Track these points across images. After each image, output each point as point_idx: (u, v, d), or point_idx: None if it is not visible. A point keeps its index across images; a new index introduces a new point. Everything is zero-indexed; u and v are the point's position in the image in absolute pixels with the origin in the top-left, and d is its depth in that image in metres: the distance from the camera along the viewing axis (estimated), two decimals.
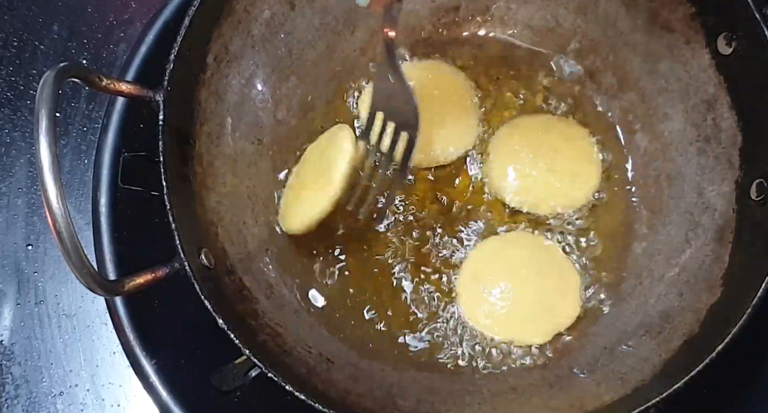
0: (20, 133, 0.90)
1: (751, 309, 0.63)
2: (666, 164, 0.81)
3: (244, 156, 0.80)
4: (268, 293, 0.76)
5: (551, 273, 0.79)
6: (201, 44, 0.72)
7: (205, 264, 0.68)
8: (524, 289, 0.79)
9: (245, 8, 0.76)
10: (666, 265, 0.77)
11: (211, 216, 0.73)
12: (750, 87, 0.71)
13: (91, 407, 0.82)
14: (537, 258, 0.80)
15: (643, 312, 0.76)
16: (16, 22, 0.93)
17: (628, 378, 0.70)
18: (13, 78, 0.92)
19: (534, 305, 0.78)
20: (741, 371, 0.78)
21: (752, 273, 0.65)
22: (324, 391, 0.68)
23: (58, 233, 0.54)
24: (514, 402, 0.74)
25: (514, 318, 0.78)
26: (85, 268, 0.56)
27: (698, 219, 0.76)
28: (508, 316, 0.78)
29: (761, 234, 0.68)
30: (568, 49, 0.87)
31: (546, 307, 0.78)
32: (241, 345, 0.62)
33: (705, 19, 0.74)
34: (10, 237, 0.87)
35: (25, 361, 0.83)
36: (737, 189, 0.73)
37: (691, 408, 0.71)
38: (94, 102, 0.91)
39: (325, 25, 0.84)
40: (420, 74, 0.86)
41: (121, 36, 0.93)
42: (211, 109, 0.75)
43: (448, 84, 0.86)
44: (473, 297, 0.79)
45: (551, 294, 0.79)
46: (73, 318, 0.85)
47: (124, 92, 0.65)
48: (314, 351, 0.73)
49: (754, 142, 0.71)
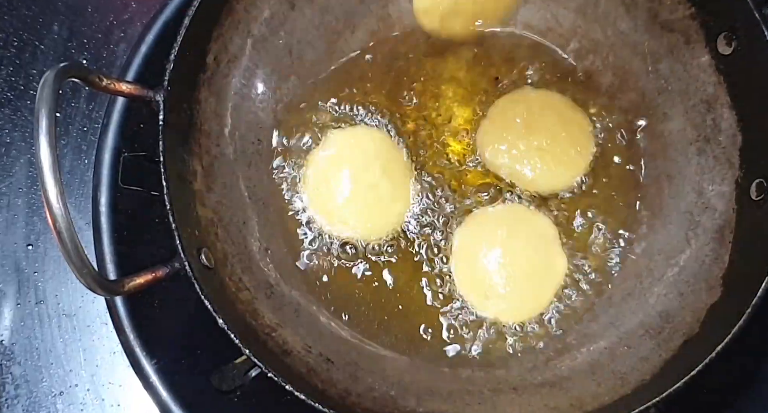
0: (20, 133, 0.90)
1: (751, 309, 0.63)
2: (666, 164, 0.81)
3: (244, 156, 0.80)
4: (268, 293, 0.76)
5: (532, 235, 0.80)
6: (201, 44, 0.72)
7: (205, 264, 0.68)
8: (515, 263, 0.79)
9: (245, 8, 0.76)
10: (666, 265, 0.77)
11: (211, 216, 0.73)
12: (750, 87, 0.71)
13: (91, 407, 0.82)
14: (520, 227, 0.81)
15: (643, 312, 0.76)
16: (16, 22, 0.93)
17: (628, 378, 0.71)
18: (13, 78, 0.92)
19: (527, 278, 0.79)
20: (741, 371, 0.78)
21: (752, 273, 0.65)
22: (324, 391, 0.68)
23: (58, 233, 0.54)
24: (514, 402, 0.74)
25: (511, 295, 0.79)
26: (85, 268, 0.56)
27: (698, 219, 0.76)
28: (506, 294, 0.78)
29: (761, 234, 0.68)
30: (568, 49, 0.87)
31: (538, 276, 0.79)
32: (241, 345, 0.62)
33: (705, 19, 0.74)
34: (10, 237, 0.87)
35: (25, 361, 0.84)
36: (737, 189, 0.73)
37: (691, 408, 0.71)
38: (94, 102, 0.91)
39: (325, 24, 0.84)
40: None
41: (121, 36, 0.93)
42: (211, 109, 0.75)
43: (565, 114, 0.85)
44: (468, 278, 0.80)
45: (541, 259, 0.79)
46: (73, 318, 0.85)
47: (124, 92, 0.65)
48: (314, 351, 0.73)
49: (754, 142, 0.71)
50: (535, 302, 0.79)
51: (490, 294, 0.79)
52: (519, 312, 0.79)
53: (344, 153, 0.82)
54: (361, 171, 0.81)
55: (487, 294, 0.79)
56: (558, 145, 0.82)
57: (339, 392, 0.69)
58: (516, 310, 0.79)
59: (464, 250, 0.80)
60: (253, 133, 0.81)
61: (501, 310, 0.78)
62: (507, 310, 0.79)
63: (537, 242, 0.80)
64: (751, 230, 0.70)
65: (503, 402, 0.74)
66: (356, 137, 0.83)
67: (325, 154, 0.82)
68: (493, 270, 0.79)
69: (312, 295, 0.79)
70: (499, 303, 0.78)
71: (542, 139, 0.82)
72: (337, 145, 0.83)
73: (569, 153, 0.82)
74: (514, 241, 0.80)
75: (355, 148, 0.82)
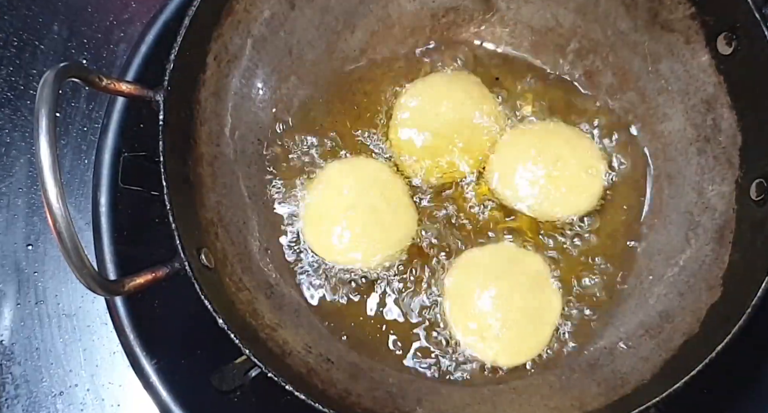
0: (20, 133, 0.90)
1: (751, 309, 0.63)
2: (666, 164, 0.81)
3: (244, 156, 0.80)
4: (268, 293, 0.76)
5: (531, 290, 0.78)
6: (201, 44, 0.72)
7: (205, 264, 0.68)
8: (509, 304, 0.77)
9: (245, 8, 0.76)
10: (666, 265, 0.77)
11: (211, 216, 0.73)
12: (750, 87, 0.71)
13: (91, 407, 0.82)
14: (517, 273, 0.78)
15: (643, 312, 0.76)
16: (16, 22, 0.93)
17: (628, 377, 0.71)
18: (13, 78, 0.92)
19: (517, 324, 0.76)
20: (741, 371, 0.78)
21: (752, 273, 0.65)
22: (324, 391, 0.68)
23: (58, 233, 0.54)
24: (514, 402, 0.74)
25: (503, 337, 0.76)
26: (85, 268, 0.56)
27: (698, 219, 0.76)
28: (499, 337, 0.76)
29: (761, 234, 0.68)
30: (567, 49, 0.87)
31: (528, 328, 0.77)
32: (241, 345, 0.62)
33: (705, 18, 0.74)
34: (10, 237, 0.87)
35: (25, 361, 0.83)
36: (737, 189, 0.73)
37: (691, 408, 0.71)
38: (94, 102, 0.91)
39: (325, 24, 0.84)
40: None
41: (121, 36, 0.93)
42: (211, 108, 0.75)
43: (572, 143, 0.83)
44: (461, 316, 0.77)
45: (532, 313, 0.77)
46: (73, 318, 0.85)
47: (124, 92, 0.65)
48: (314, 351, 0.73)
49: (754, 142, 0.71)
50: (534, 343, 0.77)
51: (486, 336, 0.76)
52: (517, 355, 0.76)
53: (340, 187, 0.80)
54: (359, 204, 0.79)
55: (484, 336, 0.76)
56: (569, 170, 0.81)
57: (339, 392, 0.69)
58: (515, 353, 0.76)
59: (456, 293, 0.78)
60: (253, 133, 0.81)
61: (497, 353, 0.76)
62: (504, 352, 0.76)
63: (530, 282, 0.78)
64: (751, 230, 0.70)
65: (503, 402, 0.74)
66: (354, 169, 0.82)
67: (320, 189, 0.81)
68: (487, 312, 0.76)
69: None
70: (495, 346, 0.76)
71: (552, 166, 0.81)
72: (331, 179, 0.81)
73: (581, 177, 0.81)
74: (505, 282, 0.78)
75: (351, 179, 0.80)
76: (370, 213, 0.79)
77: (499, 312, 0.77)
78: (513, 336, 0.76)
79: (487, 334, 0.76)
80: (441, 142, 0.82)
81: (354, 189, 0.80)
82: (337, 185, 0.80)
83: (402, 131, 0.83)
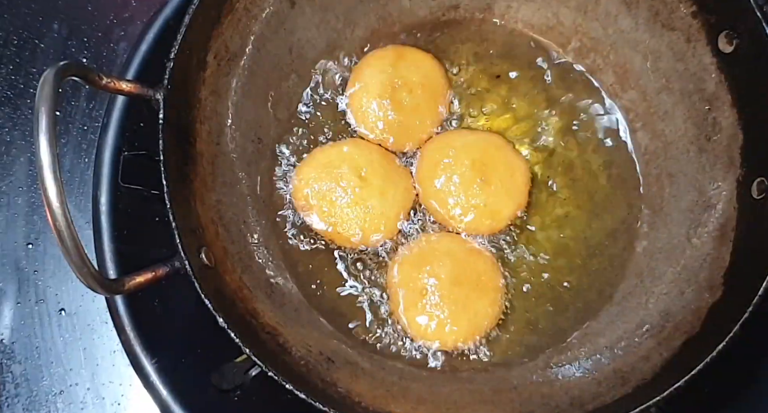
0: (20, 132, 0.90)
1: (752, 308, 0.63)
2: (667, 162, 0.81)
3: (244, 154, 0.80)
4: (268, 292, 0.76)
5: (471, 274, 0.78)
6: (201, 43, 0.72)
7: (205, 263, 0.68)
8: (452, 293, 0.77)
9: (245, 6, 0.76)
10: (667, 264, 0.77)
11: (211, 215, 0.73)
12: (751, 85, 0.71)
13: (91, 405, 0.82)
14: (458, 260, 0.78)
15: (643, 311, 0.76)
16: (16, 21, 0.93)
17: (628, 377, 0.70)
18: (13, 76, 0.92)
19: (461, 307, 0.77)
20: (741, 371, 0.78)
21: (753, 272, 0.65)
22: (324, 390, 0.68)
23: (58, 232, 0.54)
24: (515, 401, 0.74)
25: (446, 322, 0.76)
26: (86, 267, 0.56)
27: (699, 217, 0.76)
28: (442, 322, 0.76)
29: (762, 232, 0.68)
30: (568, 48, 0.86)
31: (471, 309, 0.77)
32: (241, 344, 0.62)
33: (706, 17, 0.74)
34: (10, 235, 0.87)
35: (25, 360, 0.84)
36: (738, 187, 0.73)
37: (691, 407, 0.71)
38: (95, 100, 0.91)
39: (326, 23, 0.84)
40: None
41: (121, 34, 0.93)
42: (212, 107, 0.75)
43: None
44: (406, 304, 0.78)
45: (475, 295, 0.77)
46: (74, 317, 0.85)
47: (124, 91, 0.65)
48: (314, 350, 0.73)
49: (755, 141, 0.71)
50: (472, 324, 0.77)
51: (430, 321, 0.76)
52: (457, 335, 0.76)
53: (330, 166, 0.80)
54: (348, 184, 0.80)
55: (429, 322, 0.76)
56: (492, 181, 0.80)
57: (339, 391, 0.69)
58: (455, 333, 0.76)
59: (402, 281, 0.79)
60: (253, 132, 0.81)
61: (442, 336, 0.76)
62: (447, 335, 0.76)
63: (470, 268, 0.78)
64: (753, 229, 0.70)
65: (504, 401, 0.74)
66: (341, 153, 0.82)
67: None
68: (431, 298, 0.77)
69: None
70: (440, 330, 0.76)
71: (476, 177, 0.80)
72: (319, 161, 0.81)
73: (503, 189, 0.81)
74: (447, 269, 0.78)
75: (339, 161, 0.81)
76: (368, 189, 0.79)
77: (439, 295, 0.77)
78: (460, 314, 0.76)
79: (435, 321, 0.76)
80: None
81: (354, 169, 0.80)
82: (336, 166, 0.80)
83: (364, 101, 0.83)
